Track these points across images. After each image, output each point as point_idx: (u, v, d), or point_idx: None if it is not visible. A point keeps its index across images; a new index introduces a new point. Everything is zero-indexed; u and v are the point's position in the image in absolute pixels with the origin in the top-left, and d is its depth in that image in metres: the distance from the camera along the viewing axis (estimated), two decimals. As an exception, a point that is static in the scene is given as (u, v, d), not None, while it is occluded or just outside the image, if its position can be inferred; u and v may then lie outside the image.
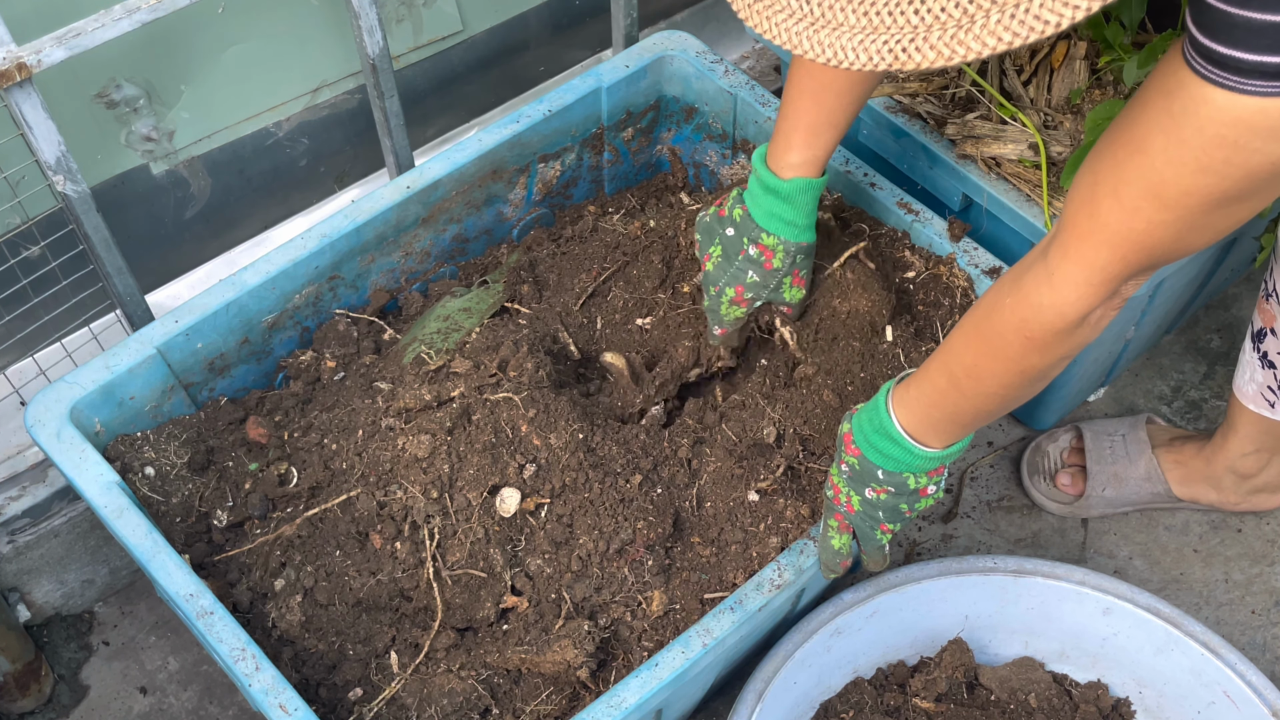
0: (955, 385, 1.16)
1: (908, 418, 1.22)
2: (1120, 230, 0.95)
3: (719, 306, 1.49)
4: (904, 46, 0.73)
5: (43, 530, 1.65)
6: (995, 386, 1.13)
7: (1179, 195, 0.89)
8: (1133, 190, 0.92)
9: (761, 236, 1.42)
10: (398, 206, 1.59)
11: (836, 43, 0.76)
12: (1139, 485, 1.83)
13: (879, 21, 0.74)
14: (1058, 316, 1.03)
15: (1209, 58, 0.81)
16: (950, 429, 1.21)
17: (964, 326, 1.15)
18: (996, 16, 0.70)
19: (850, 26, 0.75)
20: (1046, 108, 1.72)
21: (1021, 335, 1.07)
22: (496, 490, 1.42)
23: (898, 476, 1.25)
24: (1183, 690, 1.57)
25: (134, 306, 1.57)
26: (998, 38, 0.71)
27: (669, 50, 1.76)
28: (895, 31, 0.74)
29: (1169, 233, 0.93)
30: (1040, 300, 1.03)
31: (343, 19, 1.70)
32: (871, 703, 1.58)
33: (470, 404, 1.46)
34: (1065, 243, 1.00)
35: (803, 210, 1.40)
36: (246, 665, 1.25)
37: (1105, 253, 0.97)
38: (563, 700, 1.35)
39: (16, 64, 1.27)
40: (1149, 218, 0.92)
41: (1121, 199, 0.93)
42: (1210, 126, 0.84)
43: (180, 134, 1.66)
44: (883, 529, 1.31)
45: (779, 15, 0.78)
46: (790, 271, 1.45)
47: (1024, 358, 1.09)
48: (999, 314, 1.09)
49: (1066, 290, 1.01)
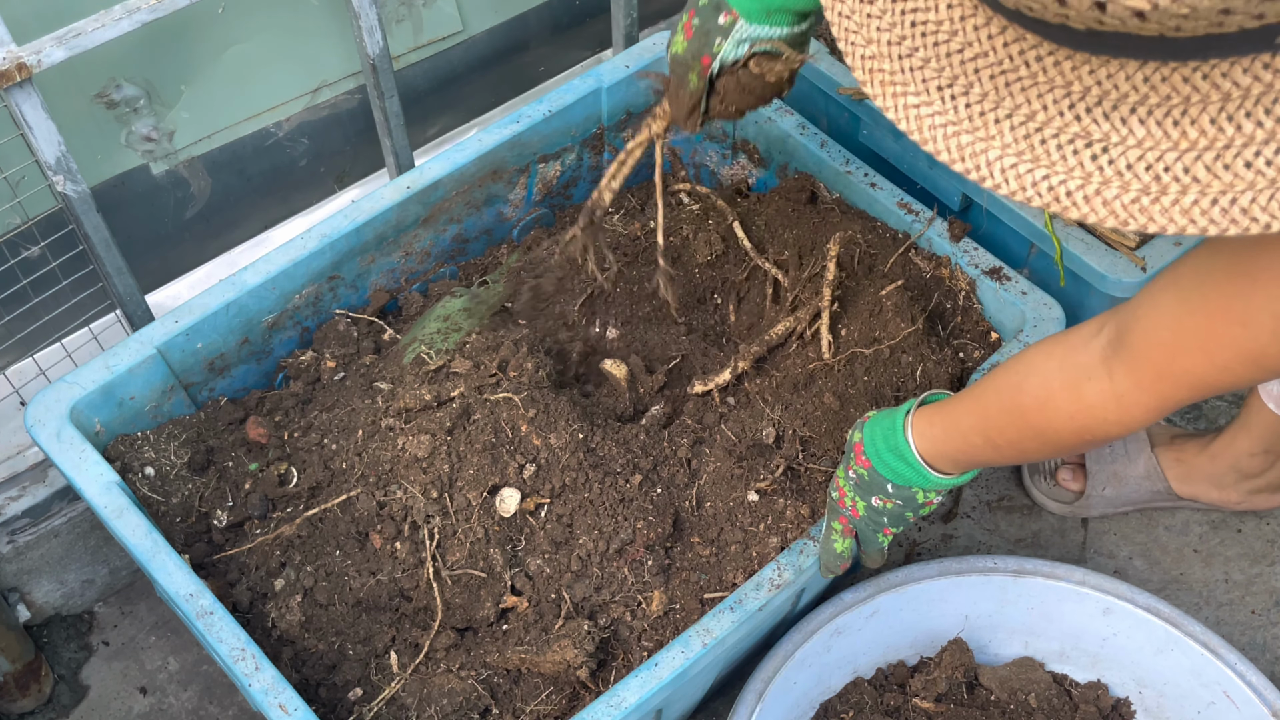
0: (995, 449, 1.15)
1: (929, 449, 1.21)
2: (1206, 380, 0.92)
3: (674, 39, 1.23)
4: (1069, 191, 0.65)
5: (43, 530, 1.65)
6: (1039, 457, 1.14)
7: (1276, 364, 0.87)
8: (1228, 355, 0.89)
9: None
10: (398, 206, 1.59)
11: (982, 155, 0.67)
12: (1139, 484, 1.83)
13: (1042, 152, 0.65)
14: (1123, 430, 1.02)
15: None
16: (972, 467, 1.22)
17: (1008, 406, 1.11)
18: (1194, 197, 0.63)
19: (1003, 144, 0.67)
20: (1046, 108, 1.72)
21: (1081, 438, 1.06)
22: (496, 490, 1.42)
23: (907, 491, 1.25)
24: (1183, 690, 1.57)
25: (134, 306, 1.57)
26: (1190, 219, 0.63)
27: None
28: (1062, 171, 0.65)
29: (1252, 383, 0.91)
30: (1106, 417, 1.02)
31: (343, 19, 1.70)
32: (871, 703, 1.58)
33: (470, 404, 1.46)
34: (1138, 375, 0.97)
35: None
36: (246, 665, 1.25)
37: (1184, 392, 0.95)
38: (563, 700, 1.35)
39: (16, 64, 1.27)
40: (1239, 375, 0.90)
41: (1214, 359, 0.90)
42: None
43: (180, 134, 1.66)
44: (885, 532, 1.32)
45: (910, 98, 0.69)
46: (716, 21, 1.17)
47: (1077, 447, 1.08)
48: (1054, 415, 1.06)
49: (1136, 413, 0.99)
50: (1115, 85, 0.63)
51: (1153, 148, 0.63)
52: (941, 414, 1.20)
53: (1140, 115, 0.63)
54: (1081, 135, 0.64)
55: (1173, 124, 0.63)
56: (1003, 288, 1.57)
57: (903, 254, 1.62)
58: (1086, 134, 0.64)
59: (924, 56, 0.68)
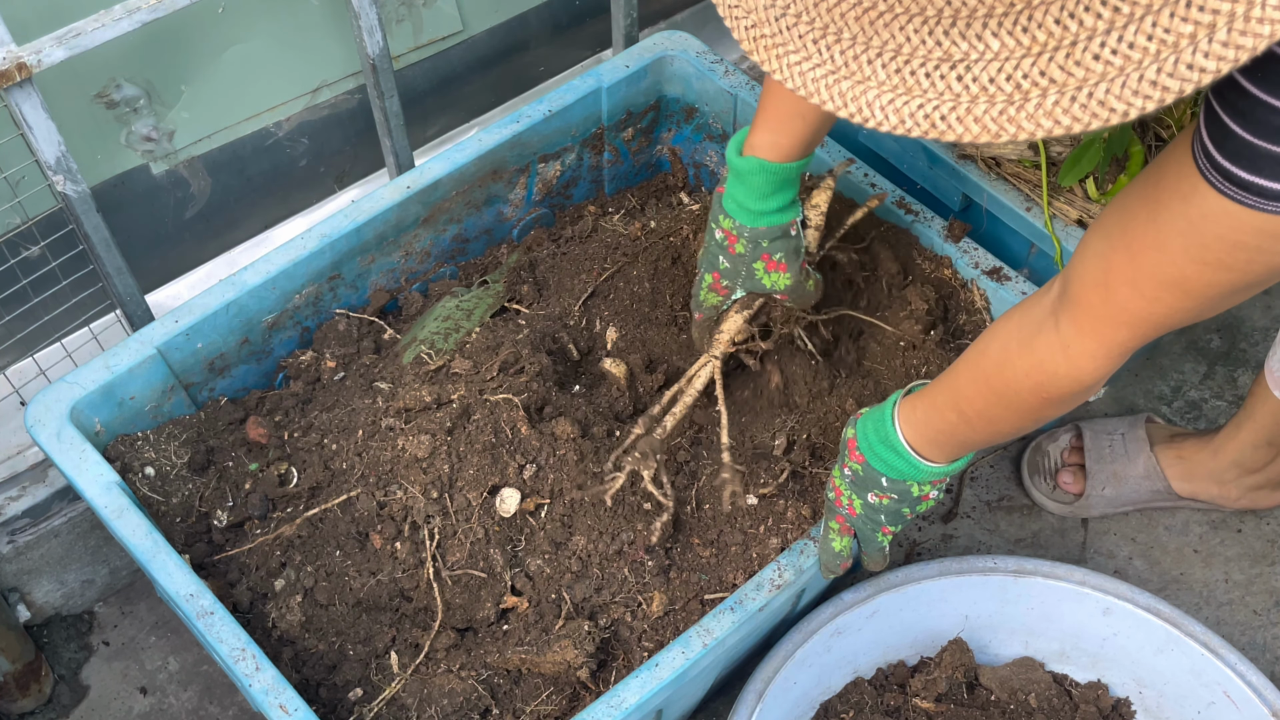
0: (967, 423, 1.16)
1: (914, 436, 1.22)
2: (1140, 315, 0.94)
3: (699, 291, 1.45)
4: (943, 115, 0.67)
5: (43, 530, 1.65)
6: (1008, 428, 1.14)
7: (1200, 288, 0.88)
8: (1152, 283, 0.91)
9: (721, 219, 1.37)
10: (398, 206, 1.59)
11: (862, 98, 0.69)
12: (1138, 484, 1.83)
13: (913, 83, 0.68)
14: (1074, 383, 1.03)
15: (1230, 178, 0.79)
16: (958, 451, 1.22)
17: (974, 373, 1.14)
18: (1054, 98, 0.65)
19: (879, 83, 0.69)
20: (1046, 108, 1.72)
21: (1038, 396, 1.07)
22: (496, 490, 1.42)
23: (901, 484, 1.25)
24: (1183, 690, 1.57)
25: (134, 306, 1.57)
26: (1054, 120, 0.65)
27: (669, 50, 1.76)
28: (934, 97, 0.67)
29: (1189, 315, 0.92)
30: (1056, 370, 1.03)
31: (343, 19, 1.70)
32: (871, 703, 1.58)
33: (470, 404, 1.46)
34: (1079, 319, 0.99)
35: (755, 192, 1.33)
36: (246, 665, 1.25)
37: (1124, 332, 0.97)
38: (563, 700, 1.35)
39: (16, 64, 1.27)
40: (1169, 305, 0.91)
41: (1140, 289, 0.92)
42: (1230, 235, 0.82)
43: (180, 134, 1.66)
44: (884, 531, 1.32)
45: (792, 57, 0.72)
46: (758, 257, 1.38)
47: (1040, 410, 1.09)
48: (1012, 373, 1.08)
49: (1083, 362, 1.01)
50: (964, 2, 0.65)
51: (1009, 58, 0.65)
52: (923, 397, 1.22)
53: (992, 28, 0.65)
54: (945, 59, 0.66)
55: (1022, 30, 0.65)
56: (1003, 287, 1.57)
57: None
58: (949, 56, 0.66)
59: (795, 12, 0.71)
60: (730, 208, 1.35)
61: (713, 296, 1.44)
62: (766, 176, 1.32)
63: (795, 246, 1.39)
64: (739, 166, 1.33)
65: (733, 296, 1.43)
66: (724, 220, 1.36)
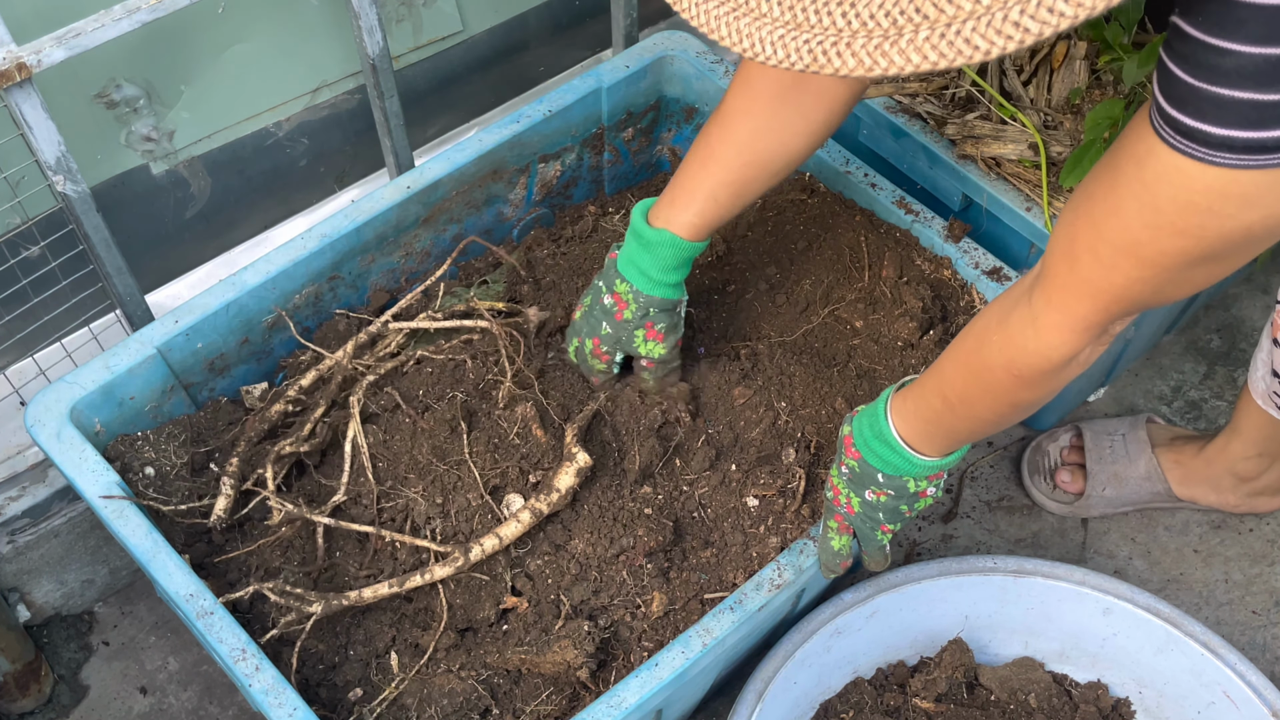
0: (949, 408, 1.17)
1: (905, 428, 1.23)
2: (1100, 284, 0.95)
3: (584, 359, 1.49)
4: (825, 49, 0.70)
5: (43, 530, 1.65)
6: (987, 413, 1.15)
7: (1155, 255, 0.89)
8: (1109, 249, 0.92)
9: (616, 283, 1.40)
10: (398, 206, 1.59)
11: (756, 33, 0.73)
12: (1139, 485, 1.83)
13: (803, 19, 0.71)
14: (1043, 360, 1.04)
15: (1177, 128, 0.80)
16: (946, 443, 1.22)
17: (956, 353, 1.16)
18: (925, 33, 0.68)
19: (774, 19, 0.72)
20: (1046, 108, 1.72)
21: (1010, 374, 1.08)
22: (497, 492, 1.42)
23: (898, 480, 1.25)
24: (1183, 690, 1.57)
25: (134, 306, 1.57)
26: (923, 55, 0.68)
27: (669, 50, 1.76)
28: (820, 32, 0.70)
29: (1147, 287, 0.93)
30: (1025, 344, 1.04)
31: (343, 19, 1.70)
32: (871, 703, 1.58)
33: (471, 405, 1.46)
34: (1048, 291, 1.01)
35: (660, 263, 1.37)
36: (246, 665, 1.25)
37: (1087, 303, 0.98)
38: (563, 700, 1.35)
39: (16, 64, 1.27)
40: (1127, 274, 0.93)
41: (1100, 256, 0.93)
42: (1182, 194, 0.83)
43: (180, 134, 1.66)
44: (883, 529, 1.32)
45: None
46: (642, 324, 1.42)
47: (1013, 393, 1.10)
48: (987, 349, 1.10)
49: (1050, 336, 1.02)
50: None
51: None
52: (913, 388, 1.22)
53: None
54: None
55: None
56: (1002, 288, 1.57)
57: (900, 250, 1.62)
58: None
59: None
60: (628, 273, 1.39)
61: (597, 363, 1.48)
62: (674, 251, 1.36)
63: (676, 323, 1.44)
64: (647, 236, 1.36)
65: (615, 360, 1.47)
66: (619, 284, 1.40)
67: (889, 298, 1.59)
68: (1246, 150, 0.78)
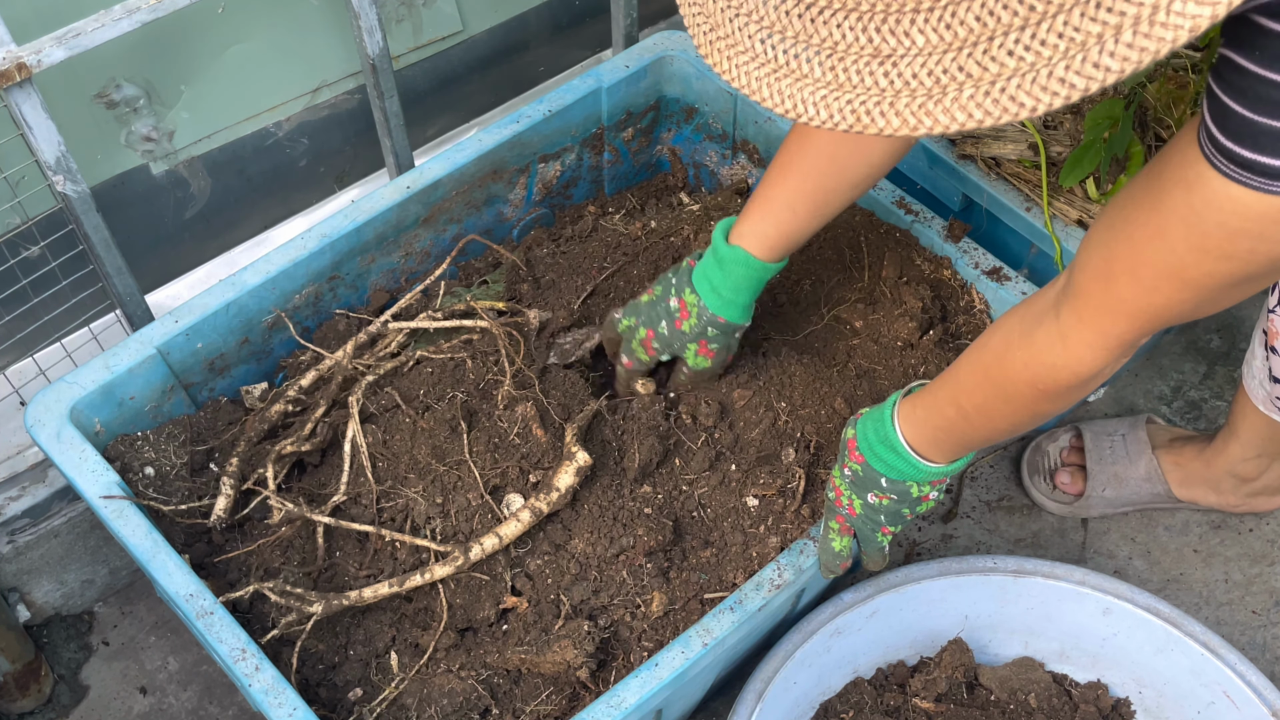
0: (965, 418, 1.16)
1: (914, 435, 1.22)
2: (1139, 305, 0.94)
3: (632, 340, 1.49)
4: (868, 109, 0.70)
5: (43, 530, 1.65)
6: (1004, 424, 1.14)
7: (1200, 278, 0.88)
8: (1152, 272, 0.91)
9: (685, 291, 1.41)
10: (398, 206, 1.59)
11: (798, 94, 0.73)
12: (1139, 485, 1.83)
13: (844, 79, 0.71)
14: (1072, 375, 1.03)
15: (1231, 158, 0.79)
16: (956, 450, 1.22)
17: (974, 366, 1.15)
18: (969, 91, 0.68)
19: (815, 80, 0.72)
20: (1046, 108, 1.72)
21: (1035, 389, 1.07)
22: (497, 492, 1.42)
23: (901, 485, 1.25)
24: (1183, 690, 1.57)
25: (134, 306, 1.57)
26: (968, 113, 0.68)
27: (669, 50, 1.76)
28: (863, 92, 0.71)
29: (1186, 306, 0.93)
30: (1054, 361, 1.03)
31: (343, 19, 1.70)
32: (871, 703, 1.58)
33: (471, 405, 1.46)
34: (1079, 310, 1.00)
35: (732, 282, 1.37)
36: (246, 665, 1.25)
37: (1123, 324, 0.97)
38: (563, 700, 1.35)
39: (16, 64, 1.27)
40: (1169, 296, 0.92)
41: (1140, 279, 0.92)
42: (1233, 221, 0.83)
43: (180, 134, 1.66)
44: (883, 531, 1.32)
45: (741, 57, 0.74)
46: (698, 339, 1.43)
47: (1036, 405, 1.09)
48: (1010, 364, 1.08)
49: (1081, 352, 1.01)
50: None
51: (931, 53, 0.68)
52: (923, 395, 1.22)
53: (919, 24, 0.68)
54: (875, 54, 0.69)
55: (945, 26, 0.68)
56: (1003, 288, 1.57)
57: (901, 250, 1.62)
58: (879, 52, 0.69)
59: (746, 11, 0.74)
60: (701, 287, 1.39)
61: (641, 352, 1.48)
62: (747, 271, 1.37)
63: (730, 345, 1.46)
64: (724, 253, 1.36)
65: (659, 358, 1.48)
66: (689, 294, 1.40)
67: (889, 298, 1.59)
68: None
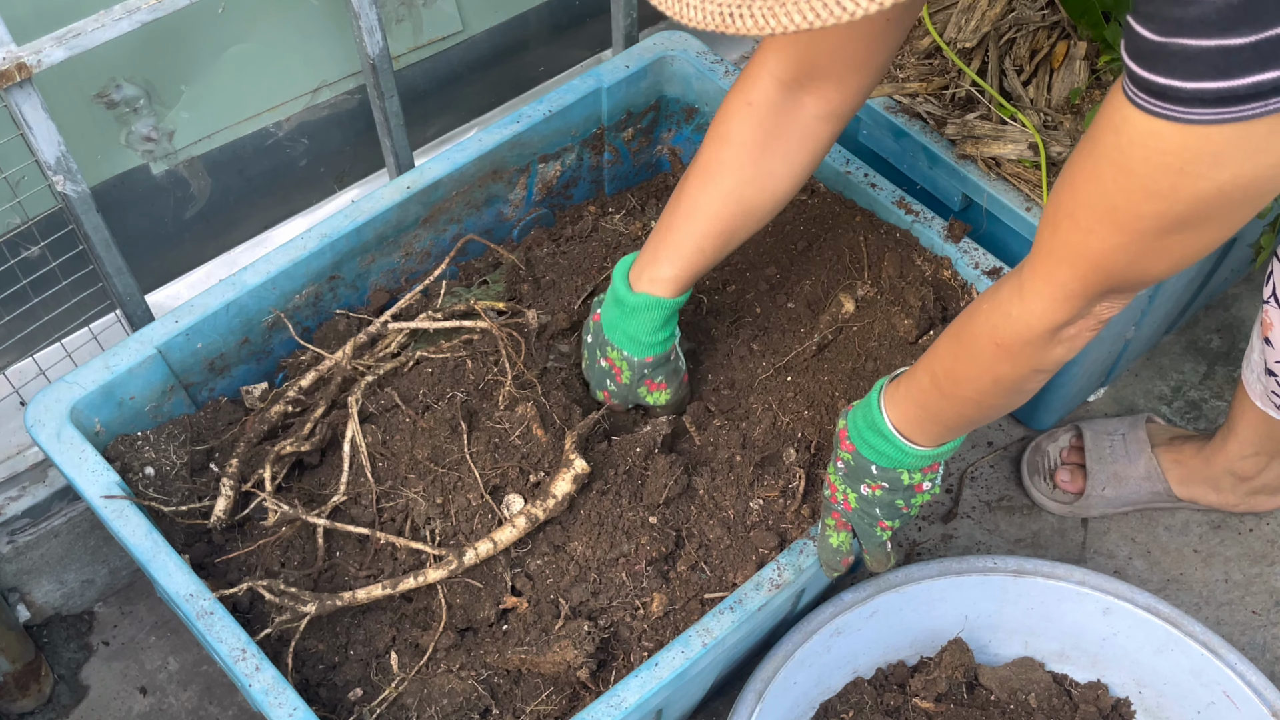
0: (936, 386, 1.18)
1: (897, 415, 1.24)
2: (1077, 249, 0.97)
3: (596, 397, 1.52)
4: (729, 12, 0.77)
5: (43, 530, 1.65)
6: (970, 391, 1.16)
7: (1130, 219, 0.91)
8: (1088, 214, 0.94)
9: (608, 349, 1.43)
10: (398, 206, 1.59)
11: None
12: (1139, 485, 1.83)
13: None
14: (1025, 328, 1.06)
15: (1148, 89, 0.81)
16: (935, 430, 1.23)
17: (948, 330, 1.18)
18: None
19: None
20: (1046, 108, 1.72)
21: (992, 342, 1.09)
22: (498, 492, 1.42)
23: (891, 473, 1.26)
24: (1183, 690, 1.57)
25: (134, 306, 1.57)
26: (803, 14, 0.74)
27: (669, 50, 1.76)
28: None
29: (1124, 255, 0.95)
30: (1010, 310, 1.06)
31: (343, 19, 1.70)
32: (871, 703, 1.58)
33: (471, 405, 1.46)
34: (1033, 259, 1.03)
35: (648, 327, 1.39)
36: (247, 665, 1.25)
37: (1065, 270, 0.99)
38: (563, 700, 1.35)
39: (16, 64, 1.27)
40: (1103, 239, 0.94)
41: (1078, 220, 0.95)
42: (1155, 156, 0.85)
43: (180, 134, 1.66)
44: (881, 526, 1.32)
45: None
46: (642, 383, 1.45)
47: (995, 365, 1.11)
48: (975, 320, 1.12)
49: (1033, 303, 1.04)
50: None
51: None
52: (906, 375, 1.24)
53: None
54: None
55: None
56: (1003, 288, 1.57)
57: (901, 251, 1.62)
58: None
59: None
60: (616, 339, 1.41)
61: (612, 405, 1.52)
62: (660, 313, 1.39)
63: (676, 368, 1.47)
64: (631, 302, 1.38)
65: (627, 406, 1.52)
66: (611, 351, 1.43)
67: (889, 298, 1.59)
68: (1219, 102, 0.79)
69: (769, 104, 1.28)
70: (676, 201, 1.35)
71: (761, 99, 1.28)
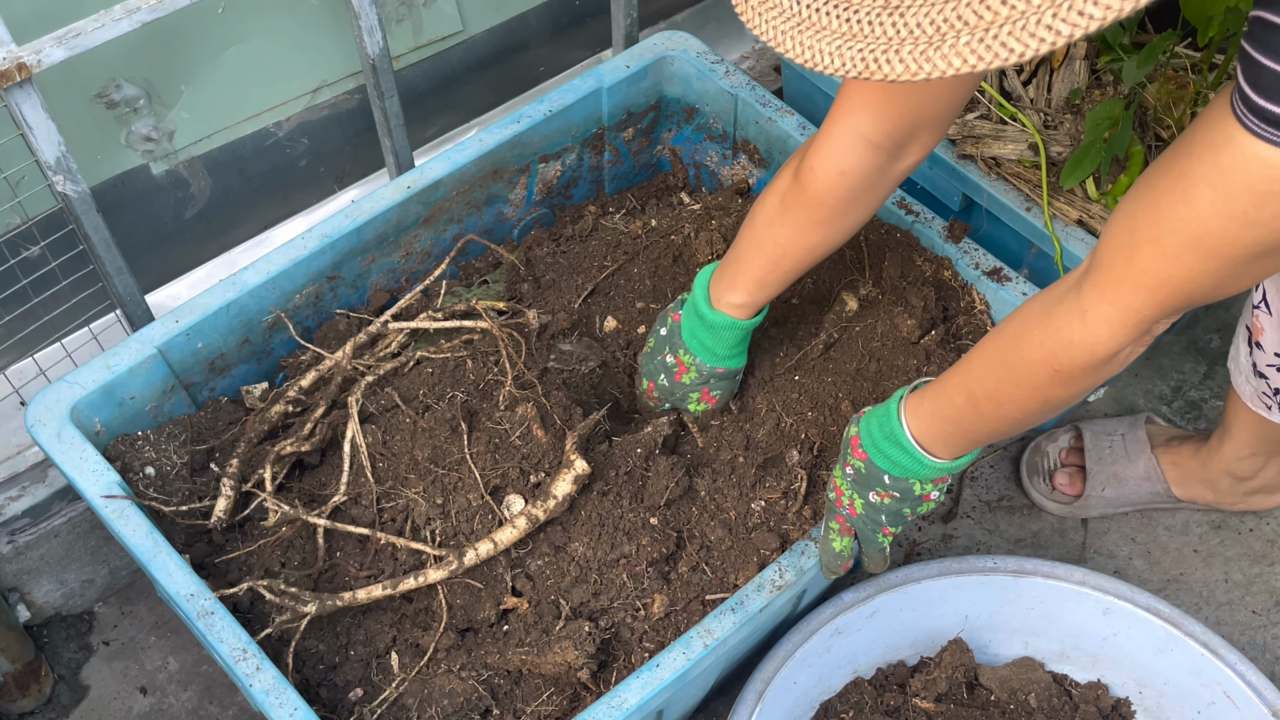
0: (974, 405, 1.15)
1: (920, 428, 1.22)
2: (1160, 277, 0.94)
3: (638, 386, 1.55)
4: (875, 57, 0.75)
5: (43, 530, 1.65)
6: (1015, 412, 1.13)
7: (1224, 246, 0.88)
8: (1175, 240, 0.91)
9: (680, 351, 1.46)
10: (398, 206, 1.59)
11: (816, 45, 0.77)
12: (1138, 485, 1.83)
13: (858, 30, 0.75)
14: (1089, 354, 1.03)
15: (1263, 116, 0.80)
16: (963, 444, 1.21)
17: (988, 349, 1.14)
18: (965, 38, 0.72)
19: (832, 31, 0.76)
20: (1046, 108, 1.72)
21: (1049, 368, 1.06)
22: (498, 492, 1.42)
23: (904, 483, 1.25)
24: (1183, 690, 1.57)
25: (134, 306, 1.57)
26: (963, 58, 0.72)
27: (670, 50, 1.76)
28: (871, 41, 0.75)
29: (1210, 280, 0.92)
30: (1072, 337, 1.03)
31: (343, 19, 1.70)
32: (871, 703, 1.58)
33: (472, 405, 1.46)
34: (1100, 283, 0.99)
35: (724, 342, 1.43)
36: (247, 665, 1.25)
37: (1143, 296, 0.96)
38: (563, 701, 1.35)
39: (16, 64, 1.27)
40: (1190, 266, 0.91)
41: (1164, 247, 0.92)
42: (1261, 183, 0.83)
43: (180, 134, 1.66)
44: (884, 531, 1.32)
45: (771, 12, 0.79)
46: (699, 389, 1.48)
47: (1049, 388, 1.08)
48: (1027, 343, 1.08)
49: (1100, 329, 1.00)
50: None
51: (934, 4, 0.73)
52: (931, 387, 1.22)
53: None
54: (884, 6, 0.74)
55: None
56: (1003, 288, 1.57)
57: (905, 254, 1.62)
58: (888, 4, 0.74)
59: None
60: (694, 346, 1.45)
61: (646, 400, 1.55)
62: (735, 332, 1.42)
63: (732, 387, 1.52)
64: (712, 320, 1.41)
65: (663, 407, 1.54)
66: (683, 354, 1.46)
67: (890, 298, 1.59)
68: None
69: (863, 172, 1.26)
70: (760, 239, 1.35)
71: (855, 166, 1.25)
